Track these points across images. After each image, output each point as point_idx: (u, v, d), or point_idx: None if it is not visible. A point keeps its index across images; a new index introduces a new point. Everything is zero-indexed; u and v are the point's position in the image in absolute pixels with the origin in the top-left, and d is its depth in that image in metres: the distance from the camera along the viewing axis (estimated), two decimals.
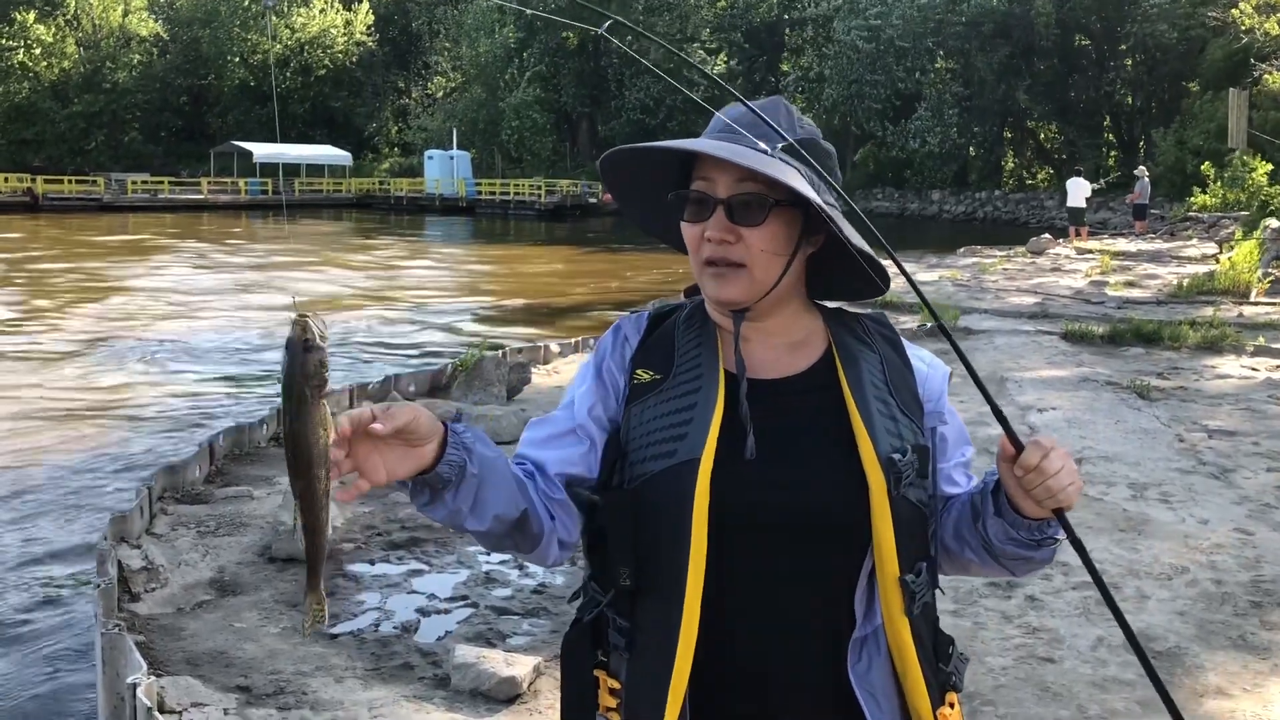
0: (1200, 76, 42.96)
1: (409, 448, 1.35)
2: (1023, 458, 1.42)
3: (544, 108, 62.33)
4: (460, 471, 1.39)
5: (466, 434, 1.41)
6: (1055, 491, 1.42)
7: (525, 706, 4.01)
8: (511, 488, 1.46)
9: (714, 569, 1.44)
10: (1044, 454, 1.41)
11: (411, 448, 1.35)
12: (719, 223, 1.51)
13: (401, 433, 1.32)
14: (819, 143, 1.59)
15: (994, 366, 10.53)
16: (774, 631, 1.48)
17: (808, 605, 1.49)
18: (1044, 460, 1.41)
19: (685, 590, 1.42)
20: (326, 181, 60.29)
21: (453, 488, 1.39)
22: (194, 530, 5.84)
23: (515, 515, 1.46)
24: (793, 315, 1.60)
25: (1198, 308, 14.46)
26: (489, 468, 1.42)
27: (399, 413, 1.32)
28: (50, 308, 17.67)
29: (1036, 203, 50.15)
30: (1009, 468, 1.45)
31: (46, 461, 8.48)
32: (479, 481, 1.41)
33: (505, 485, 1.45)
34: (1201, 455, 7.42)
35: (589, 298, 20.67)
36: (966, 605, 4.85)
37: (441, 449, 1.37)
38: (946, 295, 15.78)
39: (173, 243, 32.71)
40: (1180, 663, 4.34)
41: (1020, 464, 1.43)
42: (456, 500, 1.40)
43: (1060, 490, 1.42)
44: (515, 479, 1.49)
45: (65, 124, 68.81)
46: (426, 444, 1.36)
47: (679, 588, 1.43)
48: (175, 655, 4.41)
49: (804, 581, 1.48)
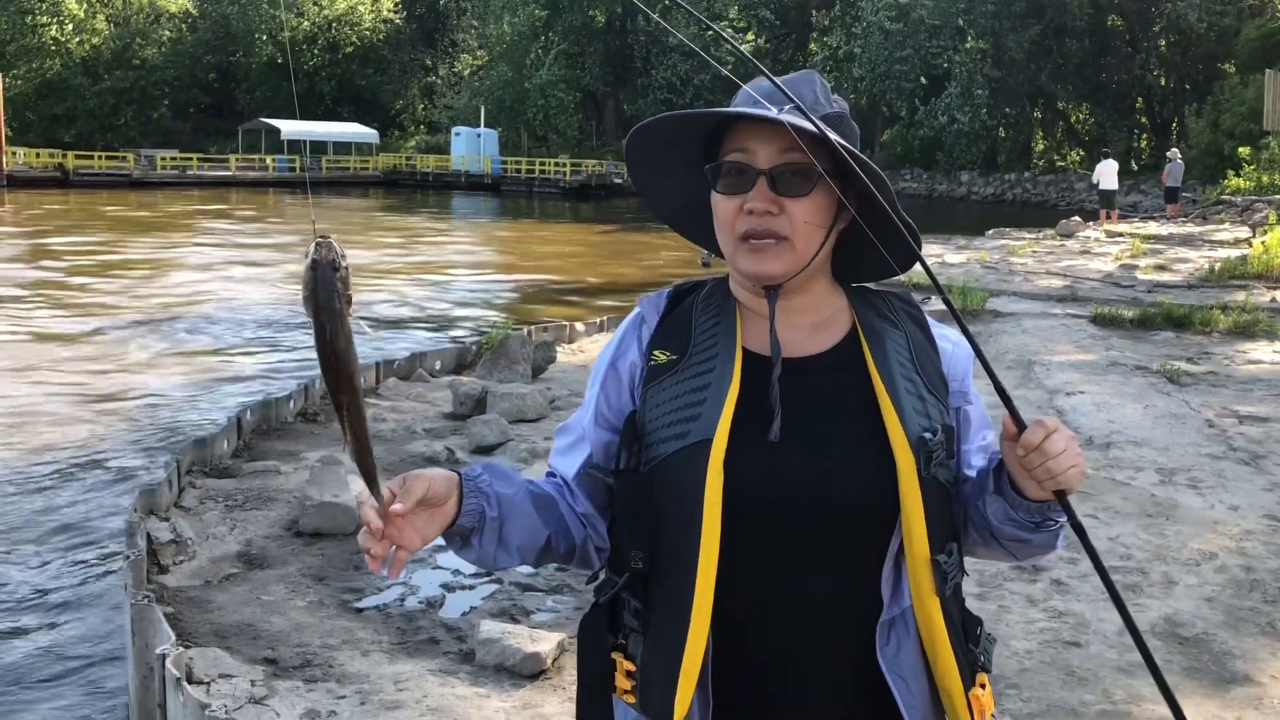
0: (1235, 57, 42.37)
1: (433, 509, 1.41)
2: (1025, 436, 1.38)
3: (570, 86, 62.20)
4: (480, 518, 1.45)
5: (483, 478, 1.48)
6: (1056, 473, 1.38)
7: (549, 682, 4.03)
8: (533, 519, 1.51)
9: (732, 552, 1.43)
10: (1047, 434, 1.37)
11: (435, 509, 1.42)
12: (762, 194, 1.48)
13: (422, 502, 1.39)
14: (848, 120, 1.56)
15: (1022, 350, 10.45)
16: (797, 615, 1.46)
17: (831, 588, 1.47)
18: (1046, 440, 1.37)
19: (697, 573, 1.41)
20: (353, 159, 60.45)
21: (478, 533, 1.46)
22: (222, 504, 5.89)
23: (540, 543, 1.53)
24: (821, 293, 1.58)
25: (1229, 292, 14.30)
26: (508, 506, 1.48)
27: (414, 486, 1.38)
28: (77, 283, 17.82)
29: (1066, 185, 49.72)
30: (1011, 446, 1.41)
31: (75, 436, 8.58)
32: (500, 520, 1.47)
33: (526, 518, 1.51)
34: (1232, 441, 7.35)
35: (614, 276, 20.66)
36: (991, 589, 4.83)
37: (461, 499, 1.44)
38: (975, 278, 15.66)
39: (200, 219, 32.90)
40: (1208, 649, 4.31)
41: (1022, 443, 1.39)
42: (483, 544, 1.47)
43: (1061, 472, 1.38)
44: (541, 503, 1.53)
45: (95, 100, 69.28)
46: (448, 501, 1.43)
47: (691, 570, 1.41)
48: (203, 627, 4.46)
49: (828, 564, 1.46)
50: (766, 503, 1.44)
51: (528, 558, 1.53)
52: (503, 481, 1.49)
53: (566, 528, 1.55)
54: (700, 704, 1.46)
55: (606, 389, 1.58)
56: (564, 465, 1.59)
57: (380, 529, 1.34)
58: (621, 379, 1.57)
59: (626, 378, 1.57)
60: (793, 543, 1.46)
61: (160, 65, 70.61)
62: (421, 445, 7.12)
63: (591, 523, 1.56)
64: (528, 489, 1.52)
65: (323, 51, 71.13)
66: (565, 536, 1.54)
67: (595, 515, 1.56)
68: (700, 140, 1.56)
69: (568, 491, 1.57)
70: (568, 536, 1.55)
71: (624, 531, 1.49)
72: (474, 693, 3.94)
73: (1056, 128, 57.58)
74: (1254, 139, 30.61)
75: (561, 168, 53.98)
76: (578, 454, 1.58)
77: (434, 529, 1.41)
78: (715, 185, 1.53)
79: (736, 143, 1.51)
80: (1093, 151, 47.05)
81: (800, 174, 1.47)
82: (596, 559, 1.58)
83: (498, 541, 1.47)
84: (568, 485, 1.57)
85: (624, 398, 1.56)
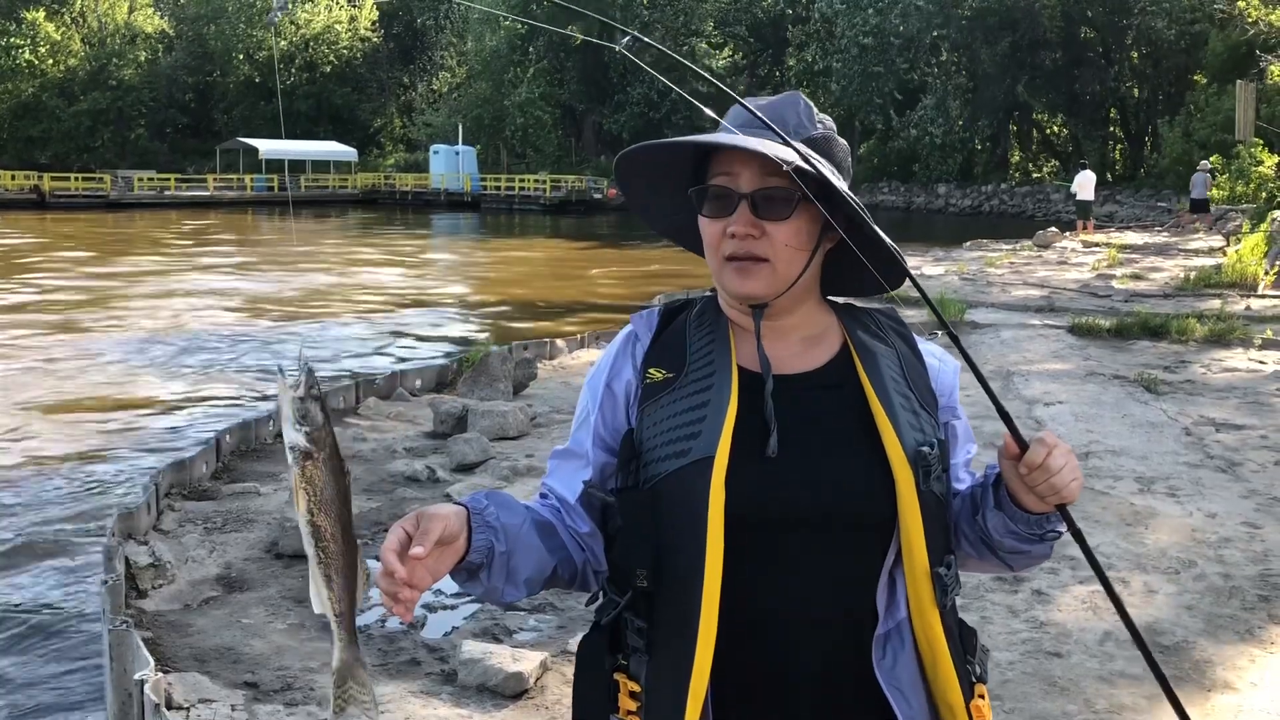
0: (1205, 69, 42.85)
1: (445, 546, 1.39)
2: (1028, 456, 1.42)
3: (548, 103, 62.30)
4: (489, 553, 1.44)
5: (489, 510, 1.46)
6: (1059, 488, 1.43)
7: (532, 702, 4.01)
8: (539, 550, 1.51)
9: (733, 568, 1.43)
10: (1048, 452, 1.41)
11: (447, 546, 1.40)
12: (744, 217, 1.50)
13: (438, 543, 1.37)
14: (836, 139, 1.58)
15: (1000, 360, 10.51)
16: (796, 629, 1.47)
17: (829, 602, 1.48)
18: (1048, 458, 1.41)
19: (703, 590, 1.41)
20: (332, 178, 60.32)
21: (486, 568, 1.45)
22: (201, 526, 5.85)
23: (546, 574, 1.53)
24: (809, 311, 1.60)
25: (1205, 300, 14.43)
26: (514, 538, 1.47)
27: (431, 527, 1.36)
28: (55, 304, 17.70)
29: (1043, 196, 50.11)
30: (1012, 465, 1.45)
31: (53, 457, 8.50)
32: (509, 554, 1.46)
33: (532, 550, 1.50)
34: (1209, 449, 7.40)
35: (595, 292, 20.67)
36: (973, 599, 4.85)
37: (470, 535, 1.43)
38: (953, 289, 15.75)
39: (178, 239, 32.75)
40: (1188, 656, 4.33)
41: (1025, 462, 1.43)
42: (491, 579, 1.46)
43: (1064, 486, 1.43)
44: (544, 530, 1.53)
45: (71, 121, 68.98)
46: (459, 538, 1.41)
47: (696, 588, 1.42)
48: (183, 651, 4.42)
49: (826, 578, 1.47)
50: (767, 518, 1.45)
51: (534, 589, 1.52)
52: (508, 511, 1.48)
53: (569, 555, 1.55)
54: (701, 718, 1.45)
55: (604, 410, 1.58)
56: (564, 487, 1.58)
57: (406, 577, 1.32)
58: (617, 399, 1.57)
59: (622, 397, 1.57)
60: (791, 557, 1.46)
61: (137, 86, 70.37)
62: (402, 464, 7.09)
63: (590, 545, 1.56)
64: (531, 518, 1.52)
65: (300, 70, 71.03)
66: (568, 564, 1.55)
67: (595, 536, 1.56)
68: (688, 162, 1.58)
69: (566, 514, 1.57)
70: (570, 563, 1.55)
71: (626, 551, 1.49)
72: (456, 714, 3.92)
73: (1032, 139, 58.04)
74: (1226, 149, 30.92)
75: (541, 184, 54.02)
76: (579, 475, 1.57)
77: (444, 566, 1.39)
78: (700, 208, 1.55)
79: (723, 166, 1.53)
80: (1068, 163, 47.41)
81: (781, 197, 1.49)
82: (594, 581, 1.58)
83: (506, 576, 1.46)
84: (566, 508, 1.57)
85: (619, 417, 1.57)
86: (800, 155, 1.46)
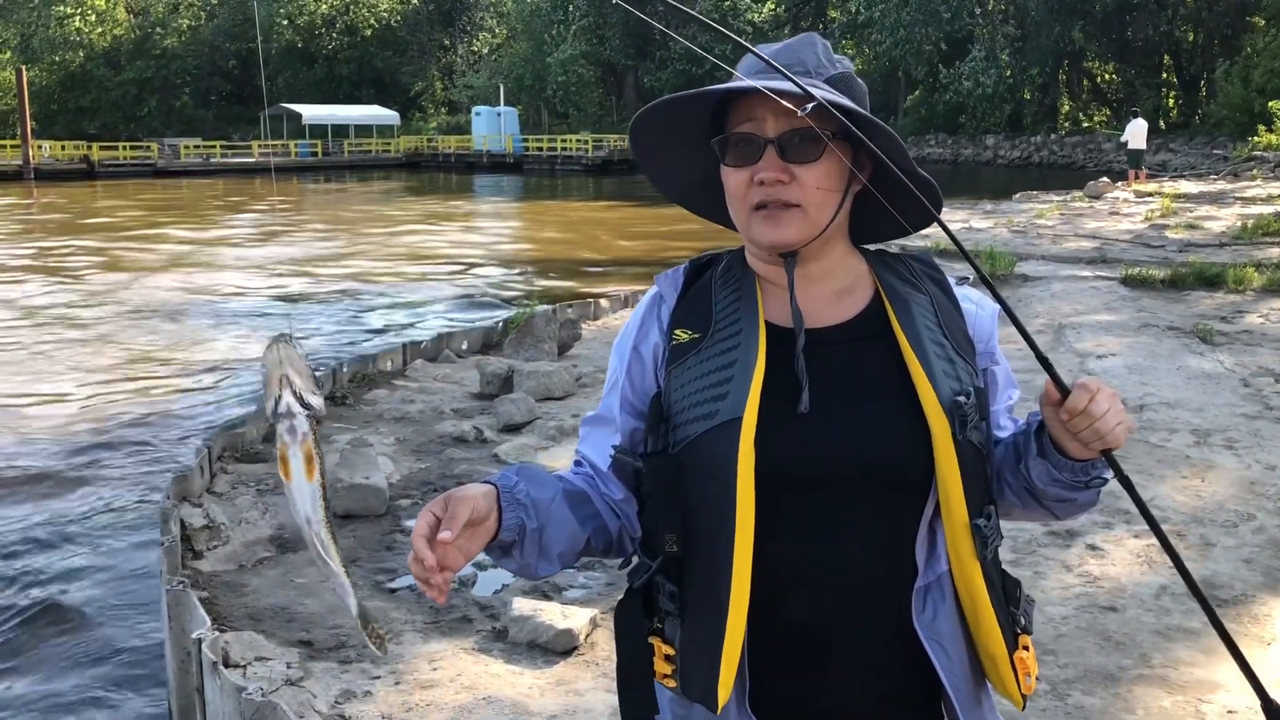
0: (1263, 10, 41.60)
1: (475, 526, 1.39)
2: (1069, 402, 1.37)
3: (590, 61, 61.92)
4: (521, 530, 1.44)
5: (519, 487, 1.45)
6: (1104, 433, 1.37)
7: (582, 658, 4.04)
8: (571, 524, 1.50)
9: (766, 528, 1.41)
10: (1090, 397, 1.36)
11: (478, 526, 1.39)
12: (772, 162, 1.45)
13: (468, 524, 1.37)
14: (854, 79, 1.53)
15: (1051, 313, 10.35)
16: (832, 588, 1.44)
17: (866, 557, 1.45)
18: (1091, 403, 1.36)
19: (734, 553, 1.39)
20: (375, 142, 60.54)
21: (518, 546, 1.45)
22: (254, 488, 5.93)
23: (580, 546, 1.52)
24: (839, 259, 1.55)
25: (1262, 249, 14.09)
26: (545, 513, 1.46)
27: (458, 510, 1.35)
28: (108, 270, 17.95)
29: (1094, 145, 49.08)
30: (1054, 412, 1.40)
31: (109, 422, 8.65)
32: (540, 530, 1.46)
33: (565, 524, 1.49)
34: (1268, 400, 7.25)
35: (638, 251, 20.60)
36: (1026, 554, 4.80)
37: (500, 513, 1.42)
38: (1003, 242, 15.50)
39: (224, 206, 33.07)
40: (1247, 610, 4.26)
41: (1067, 408, 1.38)
42: (524, 555, 1.46)
43: (1109, 431, 1.37)
44: (577, 500, 1.52)
45: (118, 91, 69.72)
46: (489, 518, 1.40)
47: (728, 551, 1.39)
48: (238, 611, 4.49)
49: (862, 533, 1.44)
50: (799, 476, 1.42)
51: (568, 562, 1.51)
52: (538, 486, 1.47)
53: (603, 523, 1.54)
54: (738, 680, 1.44)
55: (631, 374, 1.56)
56: (595, 454, 1.57)
57: (435, 564, 1.32)
58: (645, 362, 1.55)
59: (650, 360, 1.55)
60: (826, 514, 1.44)
61: (181, 54, 70.96)
62: (450, 425, 7.14)
63: (625, 511, 1.55)
64: (562, 490, 1.51)
65: (341, 34, 71.14)
66: (603, 533, 1.54)
67: (629, 502, 1.55)
68: (704, 117, 1.54)
69: (600, 481, 1.56)
70: (604, 532, 1.54)
71: (656, 515, 1.47)
72: (508, 670, 3.95)
73: (1082, 88, 56.77)
74: None
75: (584, 144, 53.82)
76: (609, 441, 1.56)
77: (476, 545, 1.39)
78: (724, 158, 1.51)
79: (745, 113, 1.48)
80: (1120, 111, 46.39)
81: (808, 139, 1.44)
82: (631, 547, 1.57)
83: (539, 551, 1.46)
84: (599, 475, 1.56)
85: (648, 380, 1.54)
86: (807, 93, 1.40)
